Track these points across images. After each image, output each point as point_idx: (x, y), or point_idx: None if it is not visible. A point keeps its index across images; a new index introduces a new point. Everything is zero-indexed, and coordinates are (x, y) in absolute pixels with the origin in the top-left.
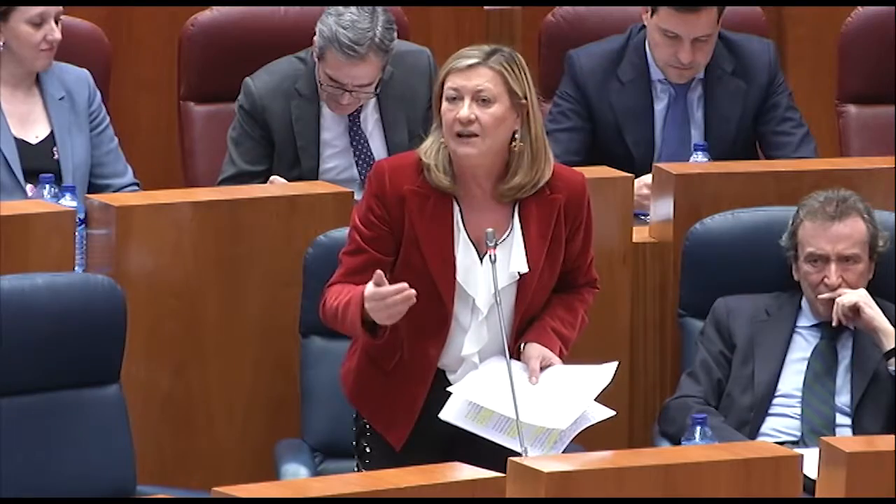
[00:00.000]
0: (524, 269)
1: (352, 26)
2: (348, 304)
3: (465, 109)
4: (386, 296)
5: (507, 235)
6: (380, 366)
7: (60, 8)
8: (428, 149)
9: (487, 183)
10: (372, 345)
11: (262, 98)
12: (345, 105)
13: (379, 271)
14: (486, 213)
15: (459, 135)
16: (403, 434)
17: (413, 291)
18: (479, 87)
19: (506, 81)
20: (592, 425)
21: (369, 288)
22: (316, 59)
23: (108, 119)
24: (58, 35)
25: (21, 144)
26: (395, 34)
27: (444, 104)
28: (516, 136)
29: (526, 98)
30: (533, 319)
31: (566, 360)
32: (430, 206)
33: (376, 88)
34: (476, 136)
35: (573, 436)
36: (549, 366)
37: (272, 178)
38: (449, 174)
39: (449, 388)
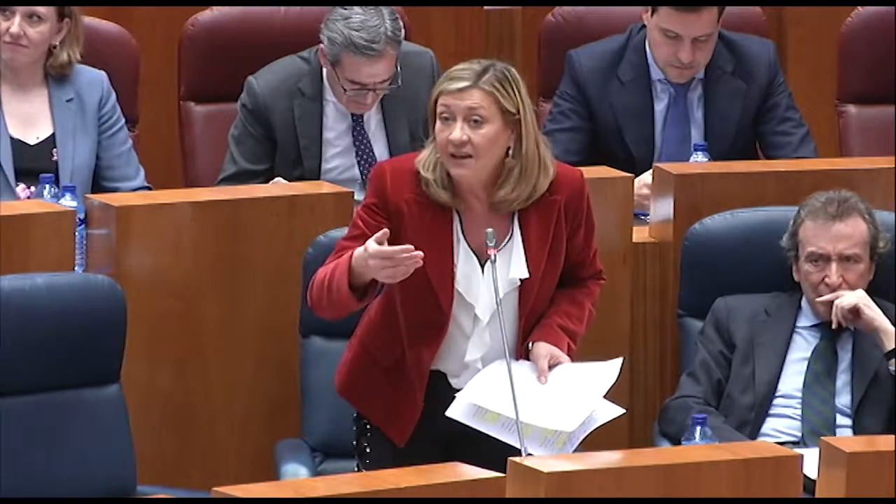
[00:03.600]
0: (524, 274)
1: (363, 26)
2: (336, 267)
3: (458, 132)
4: (393, 254)
5: (507, 242)
6: (378, 362)
7: (37, 9)
8: (426, 161)
9: (484, 195)
10: (372, 338)
11: (264, 97)
12: (368, 104)
13: (384, 230)
14: (486, 223)
15: (453, 155)
16: (406, 432)
17: (421, 254)
18: (470, 109)
19: (497, 101)
20: (602, 426)
21: (372, 246)
22: (330, 68)
23: (122, 122)
24: (16, 30)
25: (18, 144)
26: (402, 23)
27: (438, 124)
28: (510, 151)
29: (519, 113)
30: (539, 319)
31: (574, 355)
32: (429, 215)
33: (394, 80)
34: (470, 156)
35: (582, 437)
36: (557, 364)
37: (275, 179)
38: (448, 189)
39: (456, 394)
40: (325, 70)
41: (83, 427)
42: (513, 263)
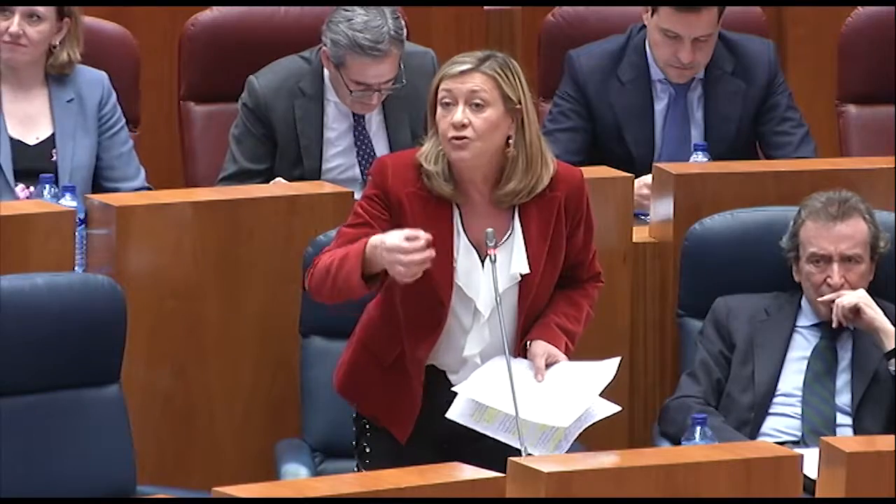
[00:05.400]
0: (525, 269)
1: (367, 27)
2: (346, 256)
3: (459, 114)
4: (407, 250)
5: (508, 237)
6: (378, 360)
7: (36, 8)
8: (427, 154)
9: (485, 188)
10: (372, 336)
11: (265, 96)
12: (373, 104)
13: (420, 231)
14: (486, 217)
15: (454, 139)
16: (408, 428)
17: (432, 252)
18: (472, 92)
19: (499, 86)
20: (597, 422)
21: (390, 240)
22: (333, 70)
23: (122, 122)
24: (16, 29)
25: (17, 145)
26: (403, 22)
27: (439, 110)
28: (510, 141)
29: (520, 103)
30: (538, 317)
31: (571, 355)
32: (430, 209)
33: (398, 80)
34: (470, 139)
35: (577, 433)
36: (554, 363)
37: (275, 179)
38: (450, 181)
39: (453, 388)
40: (326, 71)
41: (83, 427)
42: (513, 258)
